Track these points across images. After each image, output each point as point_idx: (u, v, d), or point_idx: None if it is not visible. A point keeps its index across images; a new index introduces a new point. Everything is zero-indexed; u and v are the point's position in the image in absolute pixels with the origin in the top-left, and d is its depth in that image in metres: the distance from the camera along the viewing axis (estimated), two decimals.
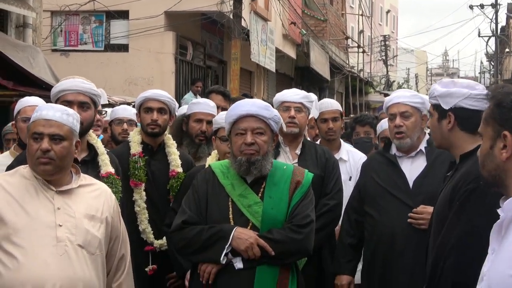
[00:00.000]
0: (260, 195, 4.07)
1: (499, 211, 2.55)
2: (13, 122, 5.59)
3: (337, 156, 5.95)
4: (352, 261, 5.08)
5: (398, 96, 5.06)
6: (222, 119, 4.92)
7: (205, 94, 7.10)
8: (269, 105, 4.27)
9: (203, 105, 5.82)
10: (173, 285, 5.13)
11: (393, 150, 5.07)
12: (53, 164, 3.61)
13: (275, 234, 3.95)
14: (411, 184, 4.88)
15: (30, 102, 5.46)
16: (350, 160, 6.10)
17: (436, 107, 3.67)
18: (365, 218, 5.00)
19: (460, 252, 3.31)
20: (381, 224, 4.84)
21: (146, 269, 5.02)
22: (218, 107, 5.99)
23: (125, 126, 6.52)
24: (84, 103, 4.47)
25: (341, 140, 6.52)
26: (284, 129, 4.65)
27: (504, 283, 2.37)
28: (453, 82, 3.71)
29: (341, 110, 6.72)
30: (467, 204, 3.34)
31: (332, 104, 6.55)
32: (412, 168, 4.91)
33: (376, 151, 5.56)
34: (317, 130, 6.59)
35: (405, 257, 4.73)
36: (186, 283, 4.48)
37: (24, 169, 3.73)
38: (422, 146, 4.97)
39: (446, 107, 3.58)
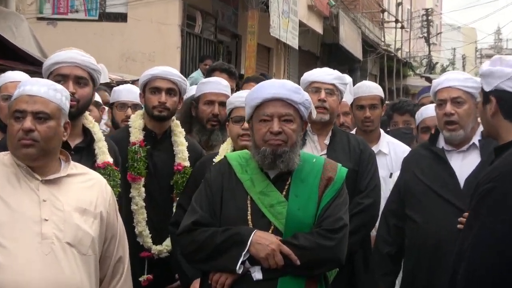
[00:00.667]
0: (284, 193, 4.05)
1: None
2: None
3: (375, 148, 5.98)
4: (390, 273, 5.11)
5: (450, 78, 5.00)
6: (235, 98, 5.01)
7: (208, 72, 7.06)
8: (300, 87, 4.23)
9: (214, 84, 5.82)
10: None
11: (441, 143, 5.03)
12: (37, 146, 3.61)
13: (301, 239, 3.92)
14: (462, 183, 4.84)
15: (12, 78, 5.49)
16: (392, 153, 6.11)
17: (482, 89, 3.62)
18: (406, 223, 4.99)
19: (472, 256, 3.29)
20: (425, 230, 4.81)
21: (140, 279, 5.04)
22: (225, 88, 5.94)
23: (129, 111, 6.42)
24: (82, 78, 4.49)
25: (381, 130, 6.53)
26: (314, 115, 4.60)
27: None
28: (500, 59, 3.61)
29: (382, 95, 6.70)
30: (483, 204, 3.31)
31: (370, 88, 6.53)
32: (464, 165, 4.88)
33: (420, 144, 5.48)
34: (352, 118, 6.56)
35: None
36: None
37: (4, 156, 3.74)
38: (476, 139, 4.94)
39: (487, 89, 3.52)
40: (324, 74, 5.52)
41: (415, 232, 4.90)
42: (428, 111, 5.98)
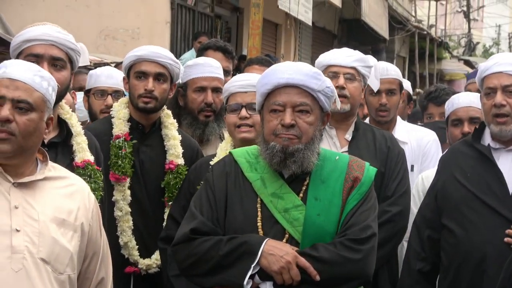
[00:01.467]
0: (301, 195, 4.10)
1: None
2: None
3: None
4: None
5: (501, 62, 4.95)
6: (232, 83, 5.06)
7: (199, 51, 7.07)
8: (320, 72, 4.25)
9: (205, 66, 5.85)
10: None
11: (487, 140, 5.00)
12: (13, 142, 3.61)
13: (321, 251, 3.96)
14: (511, 188, 4.82)
15: None
16: (412, 142, 6.17)
17: None
18: (443, 234, 4.98)
19: None
20: (466, 243, 4.80)
21: None
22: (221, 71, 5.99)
23: (109, 100, 6.50)
24: (58, 60, 4.52)
25: (398, 117, 6.58)
26: (338, 106, 4.61)
27: None
28: None
29: (401, 79, 6.77)
30: None
31: (388, 69, 6.60)
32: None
33: (461, 140, 5.42)
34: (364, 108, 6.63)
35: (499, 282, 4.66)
36: None
37: None
38: None
39: None
40: (343, 56, 5.57)
41: (454, 246, 4.89)
42: (460, 100, 6.00)
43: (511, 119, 4.80)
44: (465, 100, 5.71)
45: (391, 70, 6.56)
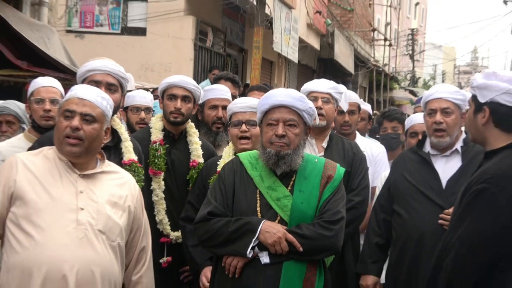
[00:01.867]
0: (289, 188, 4.08)
1: None
2: (26, 104, 5.49)
3: None
4: (379, 261, 5.09)
5: (440, 91, 5.00)
6: (234, 105, 5.01)
7: (214, 80, 7.07)
8: (304, 96, 4.24)
9: (217, 90, 5.80)
10: (187, 279, 5.13)
11: (427, 148, 5.06)
12: (81, 145, 3.66)
13: (304, 229, 3.95)
14: (444, 184, 4.84)
15: (43, 83, 5.39)
16: (368, 151, 6.05)
17: (474, 98, 3.59)
18: (394, 217, 5.00)
19: (460, 254, 3.33)
20: (410, 224, 4.82)
21: (161, 260, 5.05)
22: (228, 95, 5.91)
23: (142, 114, 6.49)
24: (112, 85, 4.51)
25: (357, 132, 6.54)
26: (317, 122, 4.65)
27: None
28: (494, 74, 3.56)
29: (359, 103, 6.74)
30: (475, 203, 3.34)
31: (350, 96, 6.49)
32: (446, 168, 4.89)
33: (408, 148, 5.50)
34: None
35: (433, 259, 4.66)
36: (203, 279, 4.49)
37: (48, 150, 3.78)
38: (458, 145, 4.94)
39: (482, 100, 3.50)
40: (321, 85, 5.55)
41: (401, 225, 4.91)
42: (417, 118, 6.01)
43: (446, 134, 4.83)
44: (420, 119, 5.71)
45: (352, 96, 6.53)
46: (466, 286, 3.31)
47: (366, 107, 7.60)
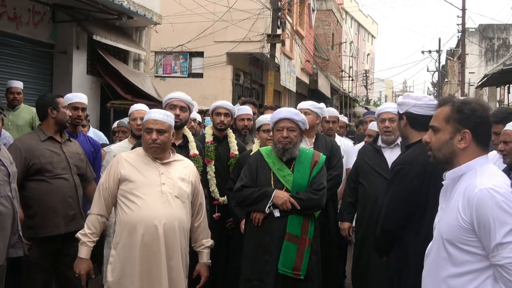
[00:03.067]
0: (291, 169, 4.05)
1: (443, 182, 2.53)
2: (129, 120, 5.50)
3: None
4: (351, 213, 5.02)
5: (387, 107, 4.99)
6: (262, 119, 4.94)
7: (242, 103, 7.03)
8: (299, 112, 4.23)
9: (244, 109, 5.69)
10: (230, 227, 5.05)
11: (379, 142, 4.97)
12: (159, 148, 3.62)
13: (301, 195, 3.93)
14: (389, 165, 4.73)
15: (138, 108, 5.40)
16: (342, 145, 5.91)
17: (398, 111, 3.59)
18: (359, 186, 4.92)
19: (387, 210, 3.35)
20: (369, 190, 4.75)
21: (214, 215, 4.97)
22: (254, 113, 5.90)
23: (192, 123, 6.22)
24: (183, 107, 4.47)
25: (336, 134, 6.44)
26: (306, 127, 4.61)
27: (450, 229, 2.36)
28: (408, 95, 3.62)
29: (339, 116, 6.65)
30: (395, 178, 3.34)
31: (333, 111, 6.47)
32: (391, 155, 4.77)
33: (368, 142, 5.38)
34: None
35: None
36: (242, 226, 4.42)
37: (139, 150, 3.76)
38: (398, 140, 4.85)
39: (401, 111, 3.50)
40: (304, 103, 5.49)
41: (364, 191, 4.83)
42: (372, 126, 5.90)
43: (392, 133, 4.77)
44: (374, 126, 5.75)
45: (335, 112, 6.47)
46: (391, 229, 3.34)
47: (344, 119, 7.55)
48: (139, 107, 5.41)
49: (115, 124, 6.17)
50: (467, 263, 2.28)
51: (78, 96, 5.10)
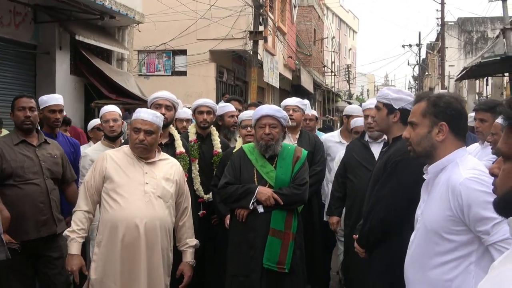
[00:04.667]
0: (274, 165, 4.05)
1: (424, 176, 2.57)
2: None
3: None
4: (340, 207, 5.02)
5: (371, 102, 4.79)
6: (243, 115, 4.94)
7: (228, 101, 7.01)
8: (281, 109, 4.22)
9: (230, 106, 5.68)
10: (215, 223, 5.05)
11: (366, 138, 4.97)
12: (146, 149, 3.61)
13: (284, 190, 3.94)
14: (376, 159, 4.76)
15: (107, 109, 5.22)
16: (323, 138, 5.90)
17: (387, 105, 3.47)
18: (347, 181, 4.92)
19: (389, 198, 3.27)
20: (357, 185, 4.74)
21: (199, 213, 4.95)
22: (236, 109, 5.83)
23: (184, 123, 6.26)
24: (169, 106, 4.45)
25: (316, 128, 6.42)
26: (289, 123, 4.59)
27: (435, 219, 2.40)
28: (400, 91, 3.54)
29: (316, 115, 6.56)
30: (396, 169, 3.28)
31: (311, 110, 6.36)
32: (379, 150, 4.72)
33: (356, 138, 5.29)
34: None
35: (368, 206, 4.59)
36: (227, 221, 4.42)
37: (125, 148, 3.74)
38: (384, 136, 4.83)
39: (396, 106, 3.41)
40: (291, 100, 5.50)
41: (352, 185, 4.83)
42: (357, 122, 5.67)
43: (375, 129, 4.58)
44: (360, 122, 5.47)
45: (312, 111, 6.35)
46: (392, 220, 3.27)
47: (314, 112, 7.44)
48: (110, 109, 5.25)
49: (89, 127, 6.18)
50: (451, 252, 2.35)
51: (54, 98, 4.99)
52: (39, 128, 4.50)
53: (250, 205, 3.90)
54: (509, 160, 1.44)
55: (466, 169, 2.36)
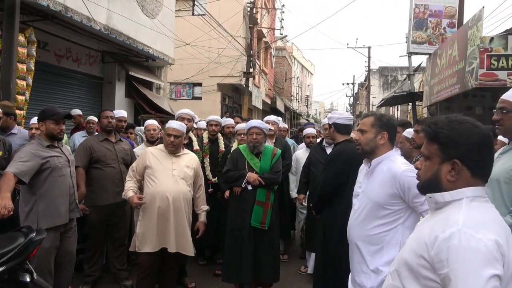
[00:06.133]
0: (259, 159, 3.96)
1: (366, 167, 2.52)
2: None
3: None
4: (305, 189, 4.86)
5: (325, 121, 4.63)
6: (239, 127, 4.87)
7: (232, 116, 6.95)
8: (264, 122, 4.14)
9: (229, 121, 5.59)
10: (220, 197, 4.95)
11: (324, 143, 4.77)
12: (174, 147, 3.54)
13: (265, 175, 3.85)
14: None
15: (149, 122, 5.02)
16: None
17: (331, 124, 3.44)
18: (310, 172, 4.75)
19: (323, 182, 3.28)
20: (315, 175, 4.57)
21: (208, 191, 4.87)
22: (237, 122, 5.72)
23: (202, 131, 6.12)
24: (189, 119, 4.41)
25: (286, 136, 6.31)
26: (270, 132, 4.56)
27: (379, 195, 2.38)
28: (334, 111, 3.53)
29: (286, 127, 6.41)
30: (328, 164, 3.29)
31: (284, 124, 6.22)
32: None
33: (317, 143, 5.05)
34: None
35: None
36: (227, 194, 4.38)
37: (161, 146, 3.67)
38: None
39: (330, 122, 3.41)
40: (270, 117, 5.41)
41: (313, 174, 4.63)
42: (309, 131, 5.55)
43: (329, 137, 4.44)
44: (310, 131, 5.46)
45: (285, 125, 6.21)
46: (325, 196, 3.28)
47: (285, 125, 7.19)
48: (151, 122, 5.13)
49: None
50: (387, 216, 2.35)
51: (121, 112, 4.93)
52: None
53: (242, 185, 3.88)
54: (428, 159, 1.46)
55: (400, 163, 2.37)
